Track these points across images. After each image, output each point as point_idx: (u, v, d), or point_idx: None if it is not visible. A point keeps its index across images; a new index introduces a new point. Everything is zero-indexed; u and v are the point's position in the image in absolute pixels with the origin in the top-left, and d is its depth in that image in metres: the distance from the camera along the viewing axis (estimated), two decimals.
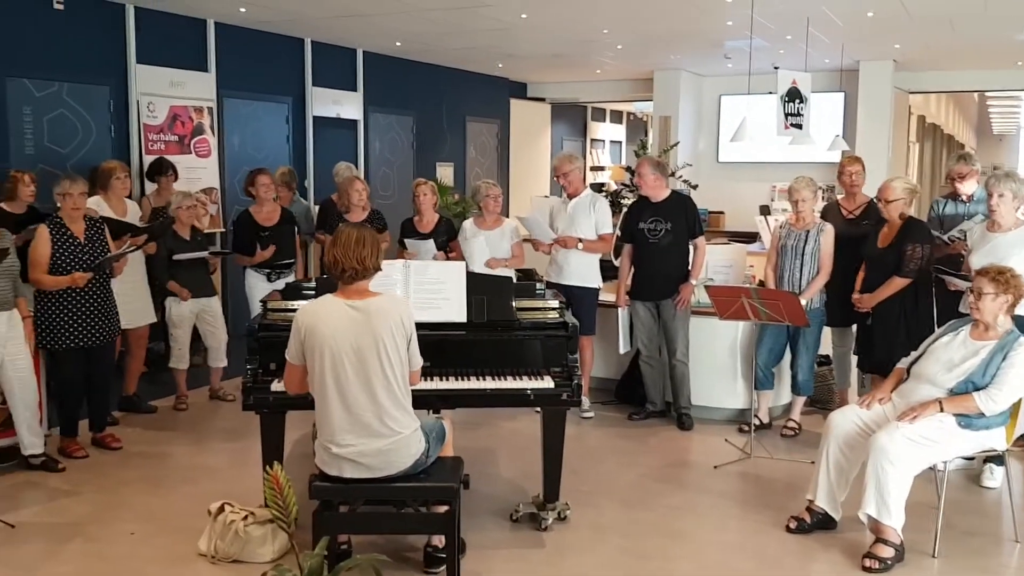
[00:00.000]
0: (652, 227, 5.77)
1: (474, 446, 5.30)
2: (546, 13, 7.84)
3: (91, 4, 7.06)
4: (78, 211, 5.10)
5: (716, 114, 12.60)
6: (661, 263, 5.77)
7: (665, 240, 5.74)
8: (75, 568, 3.84)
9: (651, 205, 5.82)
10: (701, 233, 5.87)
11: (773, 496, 4.73)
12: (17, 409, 4.87)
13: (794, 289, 5.48)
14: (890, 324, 5.18)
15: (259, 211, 6.47)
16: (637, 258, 5.90)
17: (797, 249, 5.57)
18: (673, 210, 5.77)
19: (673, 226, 5.73)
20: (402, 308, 3.43)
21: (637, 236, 5.84)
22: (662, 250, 5.75)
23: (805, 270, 5.55)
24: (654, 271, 5.80)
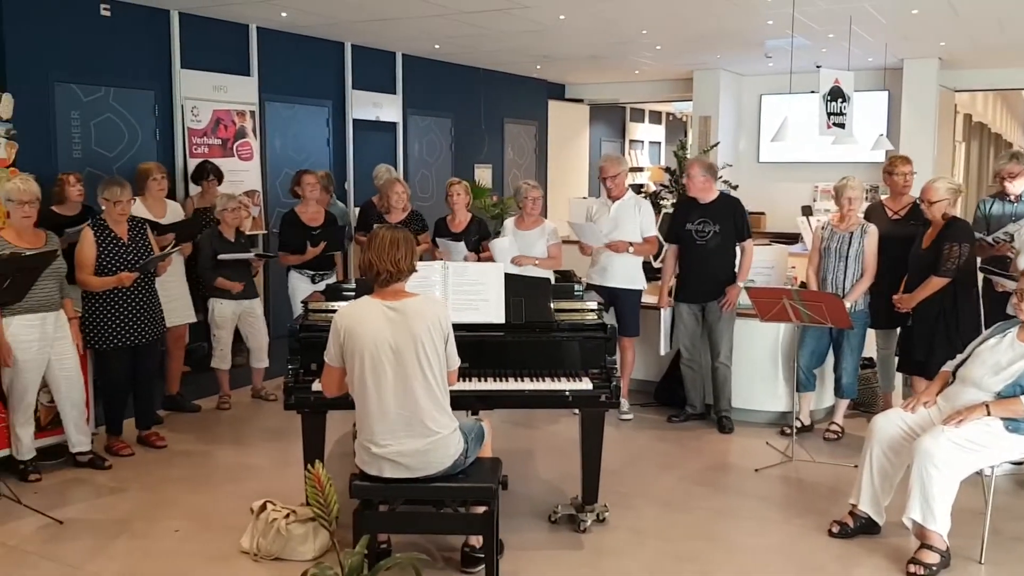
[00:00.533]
0: (700, 228, 5.72)
1: (513, 447, 5.30)
2: (584, 14, 7.83)
3: (136, 10, 7.20)
4: (124, 216, 5.20)
5: (757, 114, 12.49)
6: (708, 265, 5.72)
7: (713, 242, 5.69)
8: (121, 564, 3.91)
9: (699, 206, 5.77)
10: (749, 236, 5.81)
11: (815, 500, 4.67)
12: (65, 408, 4.98)
13: (837, 291, 5.41)
14: (928, 324, 5.09)
15: (305, 211, 6.54)
16: (683, 260, 5.85)
17: (840, 251, 5.49)
18: (721, 212, 5.72)
19: (721, 228, 5.68)
20: (439, 309, 3.45)
21: (684, 237, 5.79)
22: (709, 252, 5.70)
23: (849, 272, 5.48)
24: (701, 273, 5.75)
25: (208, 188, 6.93)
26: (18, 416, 4.81)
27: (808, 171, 11.85)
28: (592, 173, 14.18)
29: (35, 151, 6.26)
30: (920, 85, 10.87)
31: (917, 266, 5.20)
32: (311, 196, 6.53)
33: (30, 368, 4.73)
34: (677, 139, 14.79)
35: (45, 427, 5.09)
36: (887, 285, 5.43)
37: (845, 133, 8.41)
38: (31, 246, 4.66)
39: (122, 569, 3.86)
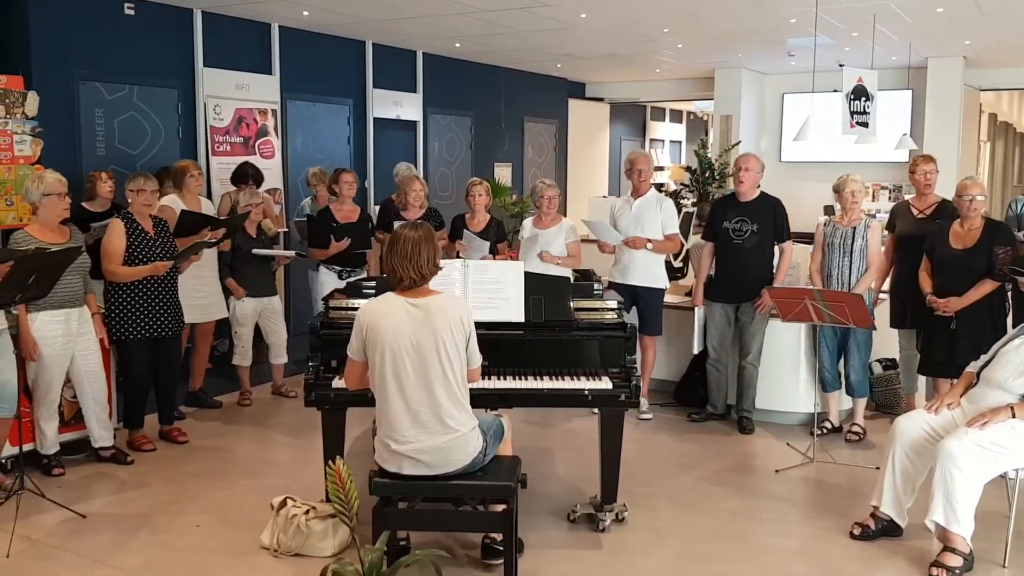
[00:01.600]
0: (737, 227, 5.66)
1: (532, 446, 5.30)
2: (605, 13, 7.81)
3: (160, 9, 7.25)
4: (148, 207, 5.24)
5: (779, 113, 12.41)
6: (744, 265, 5.65)
7: (750, 241, 5.63)
8: (144, 559, 3.94)
9: (737, 204, 5.71)
10: (788, 237, 5.74)
11: (836, 501, 4.63)
12: (87, 403, 5.02)
13: (844, 287, 5.38)
14: (977, 328, 5.00)
15: (340, 208, 6.56)
16: (719, 258, 5.78)
17: (844, 246, 5.46)
18: (761, 211, 5.66)
19: (760, 228, 5.62)
20: (462, 307, 3.45)
21: (720, 235, 5.73)
22: (746, 252, 5.63)
23: (854, 267, 5.45)
24: (737, 273, 5.68)
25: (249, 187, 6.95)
26: (42, 411, 4.86)
27: (831, 171, 11.57)
28: (612, 171, 14.16)
29: (60, 148, 6.33)
30: (944, 84, 10.77)
31: (953, 268, 5.08)
32: (348, 194, 6.55)
33: (55, 363, 4.78)
34: (698, 138, 14.73)
35: (68, 422, 5.14)
36: (911, 285, 5.37)
37: (868, 132, 8.35)
38: (55, 242, 4.71)
39: (144, 563, 3.89)
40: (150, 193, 5.22)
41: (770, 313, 5.68)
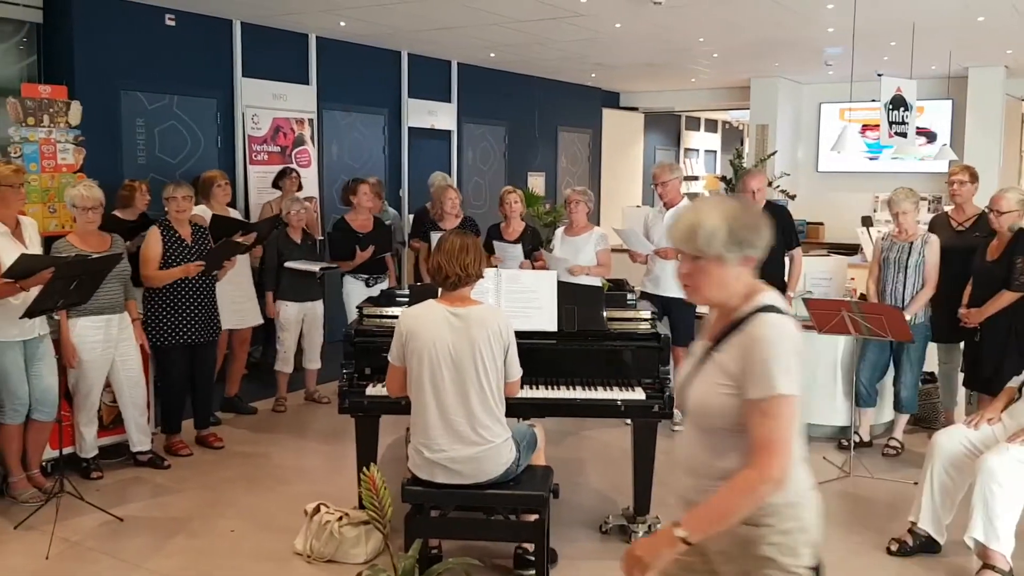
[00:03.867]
0: None
1: (564, 456, 5.29)
2: (640, 22, 7.80)
3: (200, 20, 7.37)
4: (183, 214, 5.32)
5: (816, 122, 12.30)
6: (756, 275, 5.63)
7: None
8: (179, 562, 3.99)
9: None
10: (798, 244, 5.73)
11: (873, 517, 4.57)
12: (127, 408, 5.10)
13: (897, 303, 5.30)
14: (998, 340, 4.96)
15: (355, 218, 6.61)
16: None
17: (900, 262, 5.38)
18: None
19: None
20: (501, 319, 3.46)
21: None
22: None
23: (909, 283, 5.36)
24: None
25: (289, 187, 7.04)
26: (82, 415, 4.94)
27: (868, 181, 11.63)
28: (647, 181, 14.11)
29: (102, 157, 6.44)
30: (985, 94, 10.61)
31: (983, 279, 5.07)
32: (365, 204, 6.60)
33: (94, 368, 4.86)
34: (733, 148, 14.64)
35: (107, 426, 5.22)
36: (950, 297, 5.30)
37: (907, 143, 8.24)
38: (96, 250, 4.79)
39: (180, 567, 3.94)
40: (181, 199, 5.29)
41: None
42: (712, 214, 2.11)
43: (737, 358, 2.07)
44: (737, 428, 2.07)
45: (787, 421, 2.02)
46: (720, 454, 2.11)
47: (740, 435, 2.06)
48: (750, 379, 2.03)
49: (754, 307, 2.12)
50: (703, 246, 2.10)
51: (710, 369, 2.13)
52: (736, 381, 2.06)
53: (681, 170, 6.25)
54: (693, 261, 2.14)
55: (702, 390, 2.14)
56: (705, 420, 2.15)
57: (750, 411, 2.03)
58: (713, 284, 2.15)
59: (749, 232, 2.11)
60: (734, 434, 2.08)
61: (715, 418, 2.11)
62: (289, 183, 7.07)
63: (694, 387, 2.18)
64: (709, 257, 2.11)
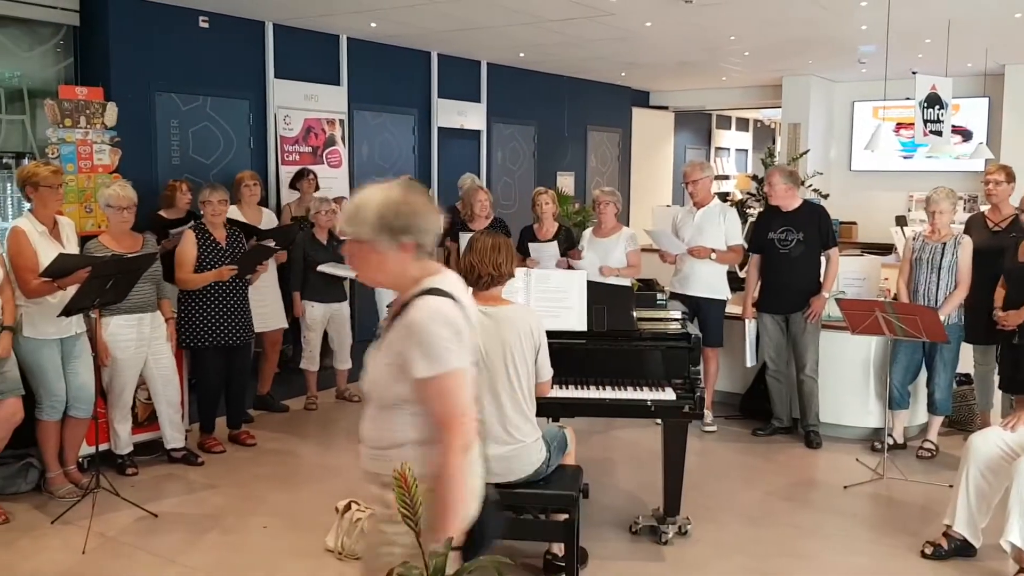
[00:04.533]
0: (782, 237, 5.62)
1: (593, 456, 5.28)
2: (671, 21, 7.76)
3: (233, 22, 7.44)
4: (218, 217, 5.38)
5: (849, 121, 12.17)
6: (791, 274, 5.60)
7: (796, 251, 5.58)
8: (213, 558, 4.03)
9: (781, 215, 5.67)
10: (834, 244, 5.67)
11: (907, 520, 4.52)
12: (161, 405, 5.17)
13: (930, 304, 5.23)
14: None
15: None
16: (766, 269, 5.75)
17: (933, 262, 5.32)
18: (805, 220, 5.61)
19: (805, 236, 5.57)
20: (532, 318, 3.46)
21: (766, 246, 5.69)
22: (792, 261, 5.59)
23: (942, 284, 5.30)
24: (784, 283, 5.64)
25: (307, 189, 7.09)
26: (116, 412, 5.02)
27: (902, 180, 11.49)
28: (677, 181, 14.04)
29: (137, 158, 6.53)
30: (1023, 91, 10.43)
31: (1015, 279, 4.98)
32: None
33: (128, 366, 4.93)
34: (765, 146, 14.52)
35: (142, 423, 5.29)
36: (985, 299, 5.22)
37: (942, 141, 8.13)
38: (128, 250, 4.85)
39: (213, 562, 3.99)
40: (217, 203, 5.35)
41: (822, 323, 5.59)
42: (371, 199, 2.16)
43: (399, 339, 2.14)
44: (407, 403, 2.15)
45: (459, 393, 2.12)
46: (392, 426, 2.19)
47: (410, 409, 2.16)
48: (415, 360, 2.10)
49: (419, 291, 2.16)
50: (357, 229, 2.15)
51: (383, 349, 2.20)
52: (401, 360, 2.13)
53: (712, 169, 6.22)
54: (353, 243, 2.18)
55: (374, 367, 2.22)
56: (378, 395, 2.22)
57: (422, 390, 2.11)
58: (371, 267, 2.20)
59: (403, 219, 2.14)
60: (404, 408, 2.16)
61: (386, 394, 2.18)
62: (306, 184, 7.12)
63: (369, 364, 2.25)
64: (363, 241, 2.15)
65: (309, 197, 6.99)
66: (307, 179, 7.14)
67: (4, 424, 4.29)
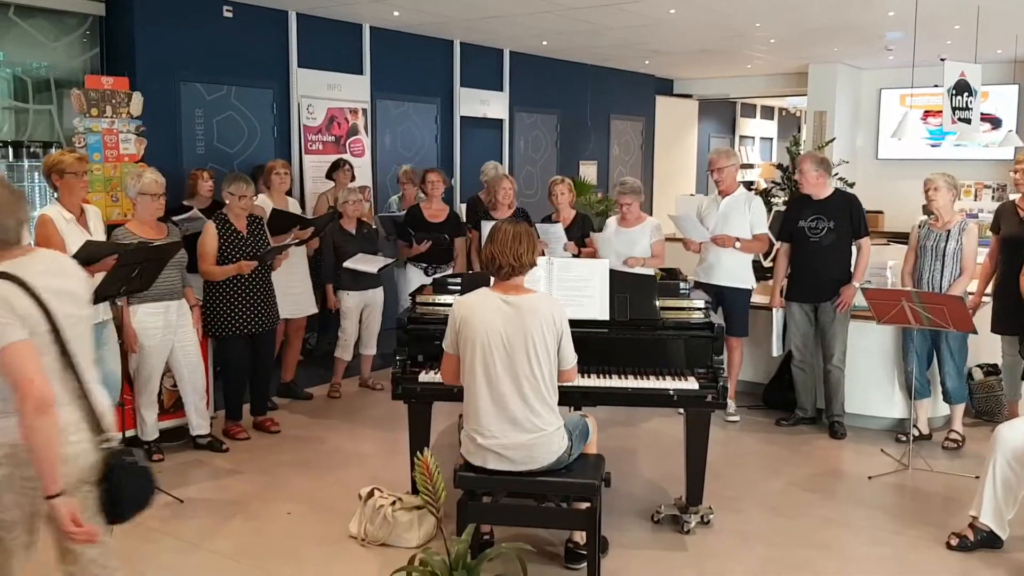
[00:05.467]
0: (813, 225, 5.56)
1: (616, 445, 5.27)
2: (695, 8, 7.70)
3: (257, 11, 7.47)
4: (245, 210, 5.42)
5: (876, 109, 12.04)
6: (821, 263, 5.55)
7: (827, 239, 5.52)
8: (237, 543, 4.08)
9: (812, 203, 5.61)
10: (866, 233, 5.61)
11: (932, 511, 4.48)
12: (186, 392, 5.22)
13: (933, 292, 5.18)
14: None
15: (428, 207, 6.68)
16: (795, 258, 5.69)
17: (937, 249, 5.27)
18: (836, 208, 5.55)
19: (836, 225, 5.51)
20: (555, 307, 3.45)
21: (796, 234, 5.64)
22: (823, 250, 5.53)
23: (946, 271, 5.25)
24: (814, 271, 5.58)
25: (341, 179, 7.11)
26: (143, 399, 5.07)
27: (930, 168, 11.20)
28: (700, 169, 13.96)
29: (162, 147, 6.58)
30: None
31: None
32: (434, 193, 6.66)
33: (155, 353, 4.98)
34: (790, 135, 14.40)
35: (168, 410, 5.35)
36: (1013, 289, 5.15)
37: (971, 129, 8.02)
38: (154, 237, 4.89)
39: (238, 548, 4.03)
40: (249, 199, 5.42)
41: (851, 313, 5.54)
42: None
43: None
44: None
45: (22, 363, 2.38)
46: None
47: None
48: None
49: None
50: None
51: None
52: None
53: (738, 157, 6.16)
54: None
55: None
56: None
57: None
58: None
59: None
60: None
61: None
62: (342, 175, 7.14)
63: None
64: None
65: (344, 187, 7.01)
66: (342, 169, 7.16)
67: None
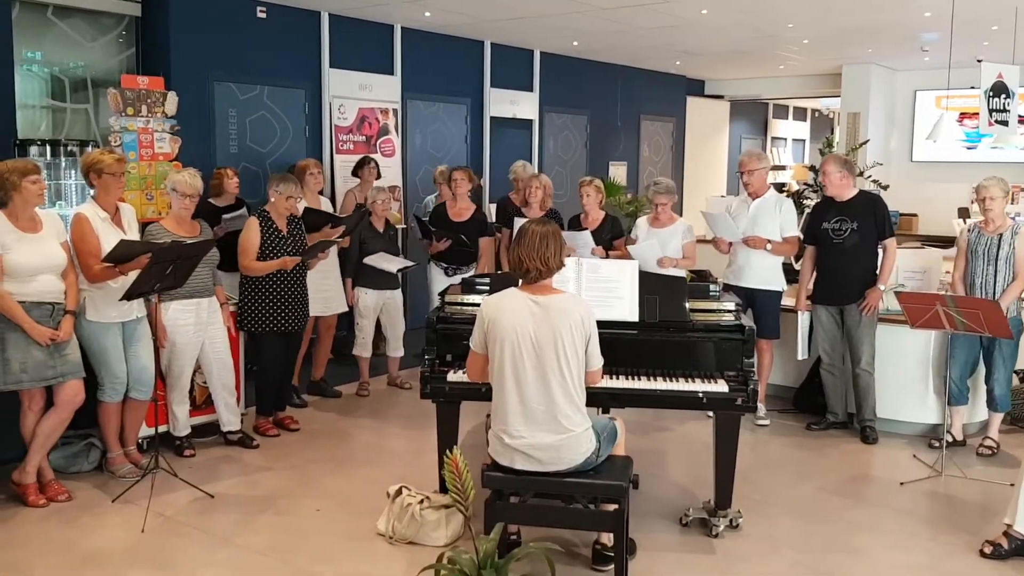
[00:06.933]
0: (837, 227, 5.51)
1: (644, 448, 5.26)
2: (727, 8, 7.65)
3: (290, 12, 7.53)
4: (289, 211, 5.48)
5: (910, 110, 11.89)
6: (846, 265, 5.50)
7: (851, 241, 5.47)
8: (267, 539, 4.11)
9: (836, 204, 5.56)
10: (891, 235, 5.55)
11: (966, 518, 4.41)
12: (216, 389, 5.27)
13: (987, 297, 5.09)
14: None
15: (453, 206, 6.71)
16: (820, 260, 5.65)
17: (989, 254, 5.18)
18: (860, 209, 5.49)
19: (860, 226, 5.46)
20: (583, 308, 3.45)
21: (820, 237, 5.59)
22: (847, 251, 5.48)
23: (999, 277, 5.16)
24: (838, 273, 5.54)
25: (367, 176, 7.16)
26: (174, 395, 5.13)
27: (966, 171, 11.17)
28: (731, 171, 13.88)
29: (196, 146, 6.65)
30: None
31: None
32: (459, 192, 6.68)
33: (186, 350, 5.04)
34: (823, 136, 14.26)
35: (199, 406, 5.40)
36: None
37: (1008, 131, 7.89)
38: (188, 235, 4.95)
39: (267, 543, 4.06)
40: (296, 200, 5.50)
41: (881, 317, 5.48)
42: None
43: None
44: None
45: None
46: None
47: None
48: None
49: None
50: None
51: None
52: None
53: (769, 160, 6.11)
54: None
55: None
56: None
57: None
58: None
59: None
60: None
61: None
62: (367, 172, 7.18)
63: None
64: None
65: (371, 184, 7.05)
66: (367, 167, 7.21)
67: (66, 405, 4.41)
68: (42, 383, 4.35)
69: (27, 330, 4.22)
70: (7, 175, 4.22)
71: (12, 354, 4.24)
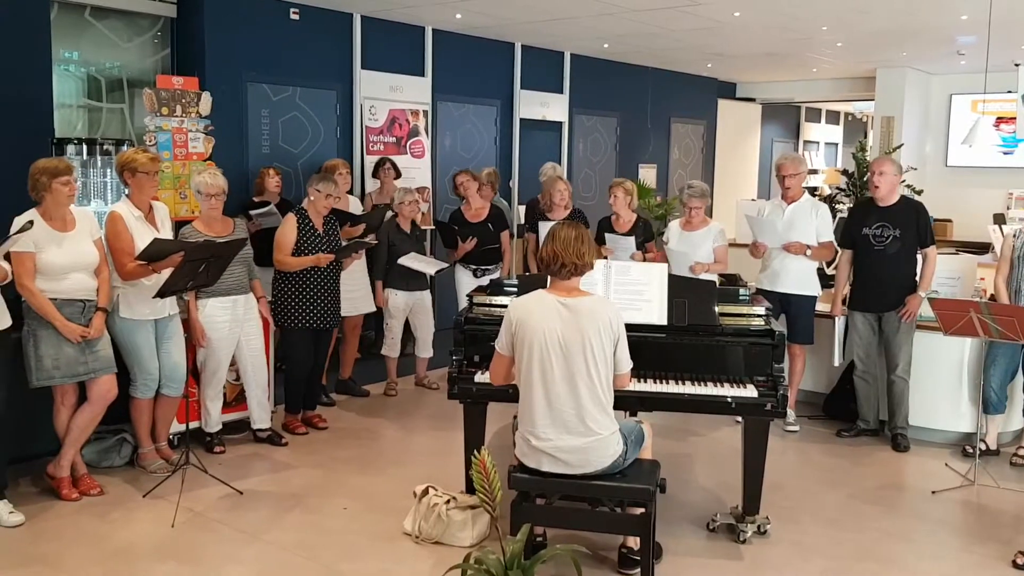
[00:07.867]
0: (878, 233, 5.44)
1: (671, 452, 5.23)
2: (760, 11, 7.59)
3: (322, 14, 7.58)
4: (327, 209, 5.54)
5: (946, 114, 11.73)
6: (886, 272, 5.43)
7: (892, 248, 5.40)
8: (295, 536, 4.14)
9: (877, 209, 5.49)
10: (932, 242, 5.47)
11: (999, 528, 4.34)
12: (250, 386, 5.32)
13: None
14: None
15: (468, 208, 6.74)
16: (859, 266, 5.58)
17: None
18: (902, 216, 5.42)
19: (902, 233, 5.38)
20: (611, 310, 3.44)
21: (860, 242, 5.52)
22: (888, 258, 5.41)
23: None
24: (879, 280, 5.47)
25: (386, 178, 7.20)
26: (209, 391, 5.19)
27: (1001, 176, 11.03)
28: (763, 175, 13.77)
29: (229, 146, 6.71)
30: None
31: None
32: (466, 194, 6.78)
33: (222, 347, 5.09)
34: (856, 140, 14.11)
35: (229, 403, 5.46)
36: None
37: None
38: (220, 234, 5.00)
39: (295, 540, 4.09)
40: (334, 199, 5.57)
41: (916, 323, 5.41)
42: None
43: None
44: None
45: None
46: None
47: None
48: None
49: None
50: None
51: None
52: None
53: (807, 165, 6.04)
54: None
55: None
56: None
57: None
58: None
59: None
60: None
61: None
62: (383, 173, 7.23)
63: None
64: None
65: (389, 185, 7.09)
66: (384, 168, 7.26)
67: (99, 401, 4.48)
68: (74, 379, 4.41)
69: (58, 327, 4.28)
70: (38, 176, 4.29)
71: (45, 351, 4.31)
